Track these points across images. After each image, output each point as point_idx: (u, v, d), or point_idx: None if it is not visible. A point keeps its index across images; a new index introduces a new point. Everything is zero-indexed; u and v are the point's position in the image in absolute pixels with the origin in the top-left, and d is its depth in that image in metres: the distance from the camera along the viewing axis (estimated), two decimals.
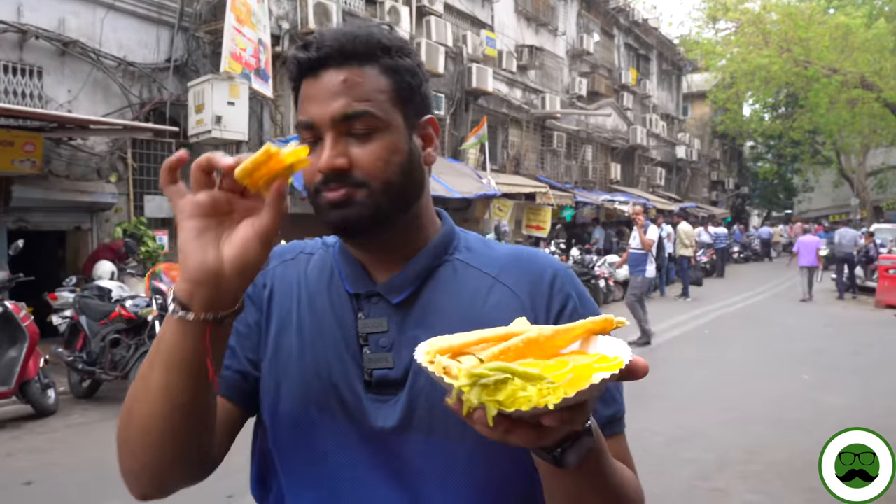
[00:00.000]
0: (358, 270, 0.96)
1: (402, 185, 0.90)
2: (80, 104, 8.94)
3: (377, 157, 0.87)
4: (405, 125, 0.91)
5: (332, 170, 0.86)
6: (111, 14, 9.31)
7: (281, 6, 10.97)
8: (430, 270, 0.95)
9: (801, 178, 37.88)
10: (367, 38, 0.89)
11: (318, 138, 0.88)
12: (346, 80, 0.87)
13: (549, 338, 0.68)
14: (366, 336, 0.92)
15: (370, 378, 0.90)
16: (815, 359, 8.54)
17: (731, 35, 24.23)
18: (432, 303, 0.93)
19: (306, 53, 0.89)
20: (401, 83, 0.90)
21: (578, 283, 0.98)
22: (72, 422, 5.99)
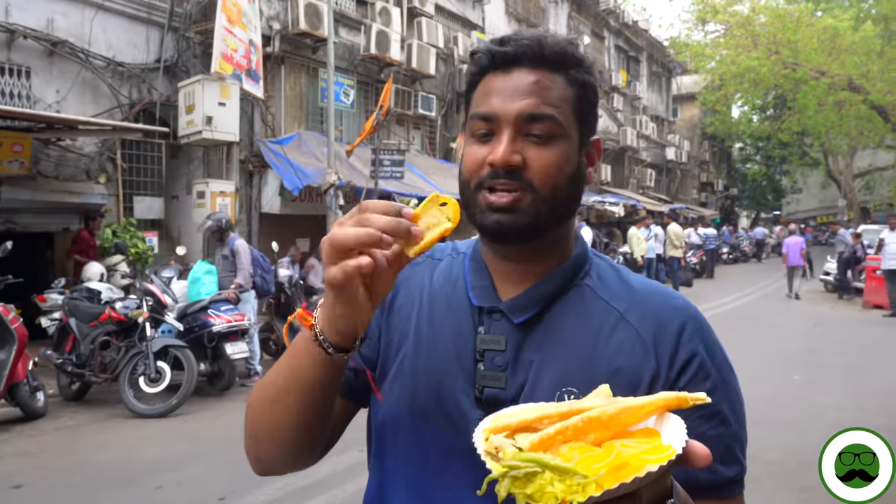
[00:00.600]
0: (486, 283, 0.95)
1: (566, 197, 0.90)
2: (69, 104, 8.87)
3: (552, 163, 0.87)
4: (579, 139, 0.91)
5: (506, 165, 0.86)
6: (100, 14, 9.24)
7: (272, 7, 10.94)
8: (558, 293, 0.92)
9: (789, 180, 38.17)
10: (562, 48, 0.90)
11: (492, 132, 0.88)
12: (539, 82, 0.88)
13: (612, 416, 0.65)
14: (482, 352, 0.91)
15: (480, 395, 0.89)
16: (805, 359, 8.59)
17: (721, 37, 24.38)
18: (554, 329, 0.90)
19: (502, 48, 0.89)
20: (583, 98, 0.91)
21: (711, 335, 0.92)
22: (61, 424, 5.94)
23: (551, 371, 0.87)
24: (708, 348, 0.89)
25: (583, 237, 1.01)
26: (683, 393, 0.67)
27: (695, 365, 0.87)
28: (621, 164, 24.88)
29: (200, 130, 9.11)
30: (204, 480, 4.50)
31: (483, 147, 0.89)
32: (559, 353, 0.88)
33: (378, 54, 12.19)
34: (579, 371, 0.87)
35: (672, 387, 0.85)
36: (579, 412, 0.66)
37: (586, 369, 0.87)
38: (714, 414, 0.84)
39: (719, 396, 0.84)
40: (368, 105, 13.06)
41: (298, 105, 11.73)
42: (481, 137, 0.89)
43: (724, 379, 0.88)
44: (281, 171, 10.16)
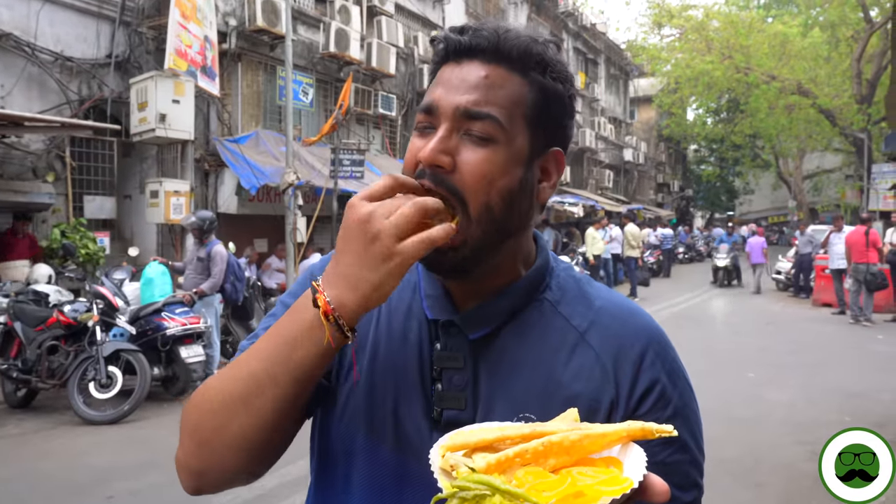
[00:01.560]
0: (440, 294, 0.87)
1: (502, 217, 0.80)
2: (14, 100, 8.55)
3: (483, 170, 0.78)
4: (529, 149, 0.82)
5: (432, 165, 0.78)
6: (47, 6, 8.93)
7: (228, 2, 10.73)
8: (516, 309, 0.85)
9: (741, 181, 39.17)
10: (527, 46, 0.82)
11: (433, 126, 0.81)
12: (488, 77, 0.80)
13: (574, 442, 0.63)
14: (440, 370, 0.84)
15: (439, 418, 0.82)
16: (758, 356, 8.79)
17: (676, 41, 24.90)
18: (509, 350, 0.83)
19: (459, 37, 0.82)
20: (541, 104, 0.82)
21: (672, 358, 0.86)
22: (5, 433, 5.70)
23: (508, 394, 0.82)
24: (669, 374, 0.83)
25: (544, 241, 0.93)
26: (650, 424, 0.65)
27: (656, 392, 0.81)
28: (580, 164, 25.16)
29: (154, 128, 8.88)
30: (159, 489, 4.35)
31: (421, 140, 0.81)
32: (516, 374, 0.82)
33: (337, 53, 12.06)
34: (537, 395, 0.81)
35: (632, 414, 0.80)
36: (541, 435, 0.64)
37: (544, 393, 0.81)
38: (674, 440, 0.77)
39: (679, 423, 0.79)
40: (328, 104, 12.92)
41: (256, 103, 11.54)
42: (422, 131, 0.82)
43: (684, 404, 0.83)
44: (238, 169, 9.96)
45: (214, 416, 0.79)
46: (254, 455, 0.81)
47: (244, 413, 0.77)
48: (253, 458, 0.82)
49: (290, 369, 0.75)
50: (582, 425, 0.66)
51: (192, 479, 0.84)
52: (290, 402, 0.78)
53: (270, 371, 0.76)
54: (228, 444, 0.79)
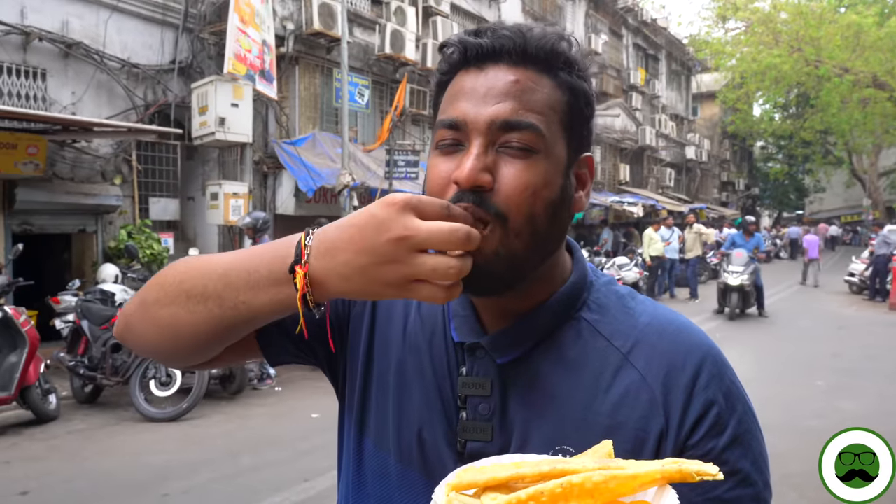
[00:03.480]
0: (468, 313, 0.81)
1: (545, 229, 0.73)
2: (85, 106, 8.90)
3: (526, 184, 0.71)
4: (566, 157, 0.75)
5: (473, 186, 0.69)
6: (115, 16, 9.25)
7: (286, 7, 10.90)
8: (550, 329, 0.78)
9: (812, 179, 37.66)
10: (553, 45, 0.74)
11: (459, 142, 0.73)
12: (519, 83, 0.72)
13: (598, 484, 0.56)
14: (465, 397, 0.78)
15: (462, 449, 0.76)
16: (829, 363, 8.38)
17: (741, 34, 24.09)
18: (545, 373, 0.76)
19: (478, 39, 0.74)
20: (574, 106, 0.76)
21: (730, 378, 0.76)
22: (72, 427, 5.92)
23: (543, 425, 0.75)
24: (727, 396, 0.74)
25: (580, 252, 0.85)
26: (690, 465, 0.57)
27: (711, 417, 0.72)
28: (640, 163, 24.64)
29: (213, 132, 9.09)
30: (211, 489, 4.43)
31: (449, 161, 0.73)
32: (551, 402, 0.75)
33: (393, 54, 12.12)
34: (575, 425, 0.74)
35: (684, 444, 0.72)
36: (562, 474, 0.57)
37: (583, 423, 0.74)
38: (733, 472, 0.71)
39: (739, 452, 0.71)
40: (383, 105, 13.00)
41: (313, 105, 11.70)
42: (447, 148, 0.74)
43: (745, 430, 0.74)
44: (295, 172, 10.11)
45: (161, 290, 0.77)
46: (169, 345, 0.78)
47: (181, 307, 0.74)
48: (168, 348, 0.79)
49: (236, 304, 0.71)
50: (612, 463, 0.59)
51: (121, 327, 0.83)
52: (224, 327, 0.73)
53: (222, 290, 0.72)
54: (155, 320, 0.77)
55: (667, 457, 0.68)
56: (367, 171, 10.97)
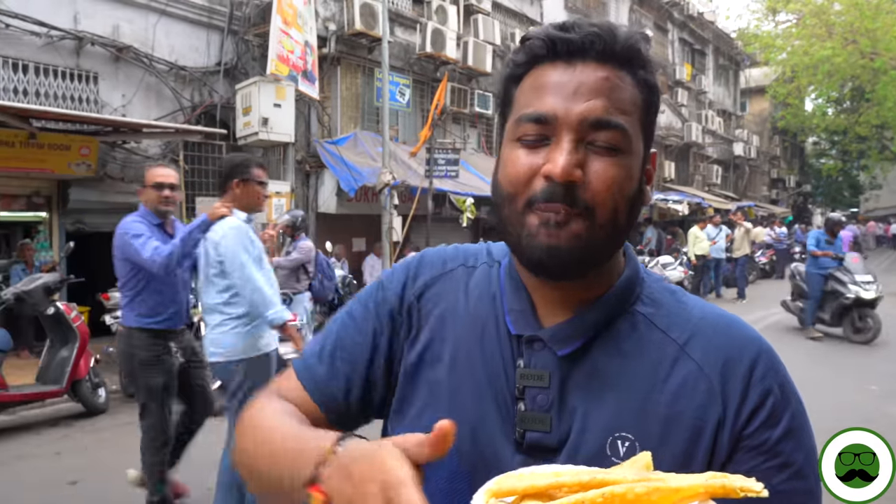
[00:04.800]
0: (525, 306, 0.82)
1: (625, 223, 0.77)
2: (134, 108, 9.16)
3: (614, 181, 0.74)
4: (643, 154, 0.79)
5: (567, 180, 0.72)
6: (163, 20, 9.50)
7: (327, 8, 11.03)
8: (607, 322, 0.80)
9: (867, 175, 36.37)
10: (636, 41, 0.77)
11: (545, 137, 0.75)
12: (609, 80, 0.74)
13: (640, 496, 0.56)
14: (522, 389, 0.78)
15: (521, 440, 0.77)
16: (884, 367, 8.08)
17: (792, 27, 23.43)
18: (603, 364, 0.78)
19: (567, 34, 0.76)
20: (650, 103, 0.78)
21: (784, 372, 0.78)
22: (120, 420, 6.10)
23: (601, 413, 0.76)
24: (782, 389, 0.76)
25: (633, 252, 0.87)
26: (735, 479, 0.57)
27: (768, 407, 0.74)
28: (686, 160, 24.17)
29: (257, 132, 9.26)
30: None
31: (534, 154, 0.75)
32: (610, 392, 0.76)
33: (434, 53, 12.15)
34: (633, 413, 0.75)
35: (740, 433, 0.73)
36: (602, 484, 0.57)
37: (641, 412, 0.75)
38: (786, 465, 0.73)
39: (793, 445, 0.73)
40: (424, 104, 13.04)
41: (354, 105, 11.81)
42: (531, 143, 0.75)
43: (799, 424, 0.75)
44: (337, 171, 10.23)
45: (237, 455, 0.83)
46: None
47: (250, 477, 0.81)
48: None
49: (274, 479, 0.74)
50: (652, 475, 0.59)
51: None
52: None
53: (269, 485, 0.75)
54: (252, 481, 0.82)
55: (724, 446, 0.72)
56: (408, 170, 11.02)
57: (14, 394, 5.71)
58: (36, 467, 4.84)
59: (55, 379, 5.86)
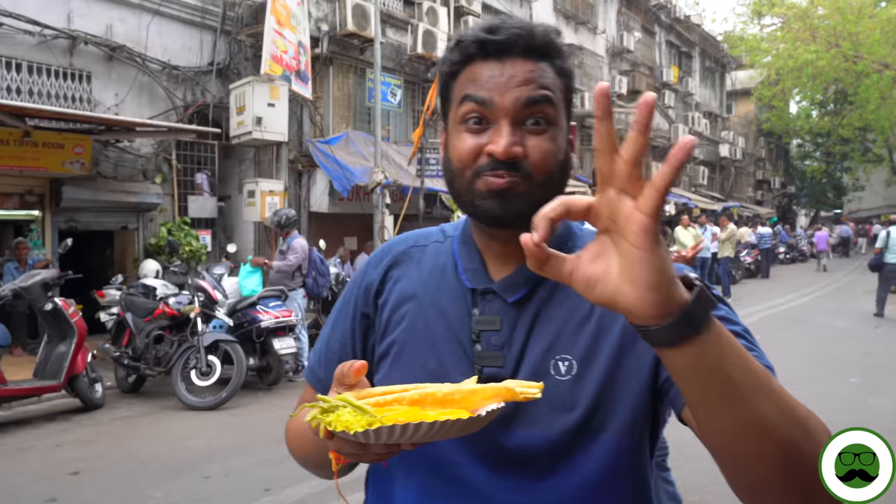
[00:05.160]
0: (477, 265, 0.97)
1: (558, 182, 0.91)
2: (127, 107, 9.20)
3: (547, 151, 0.89)
4: (566, 128, 0.94)
5: (510, 157, 0.87)
6: (156, 19, 9.55)
7: (320, 9, 11.11)
8: None
9: (850, 177, 36.77)
10: (548, 37, 0.91)
11: (485, 119, 0.90)
12: (533, 71, 0.89)
13: (446, 395, 0.74)
14: (478, 333, 0.93)
15: (480, 374, 0.91)
16: (864, 361, 8.27)
17: (777, 30, 23.72)
18: (544, 305, 0.93)
19: (492, 36, 0.90)
20: (568, 86, 0.94)
21: None
22: (118, 415, 6.16)
23: (544, 341, 0.91)
24: None
25: None
26: (515, 384, 0.75)
27: None
28: None
29: (250, 131, 9.33)
30: (251, 472, 4.61)
31: (477, 136, 0.90)
32: (550, 325, 0.91)
33: (425, 54, 12.25)
34: (569, 338, 0.90)
35: None
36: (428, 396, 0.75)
37: (576, 335, 0.90)
38: None
39: None
40: (415, 104, 13.14)
41: (346, 105, 11.89)
42: (473, 125, 0.90)
43: None
44: (329, 171, 10.30)
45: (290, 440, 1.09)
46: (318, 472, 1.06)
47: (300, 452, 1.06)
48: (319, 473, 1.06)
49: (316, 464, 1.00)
50: (464, 385, 0.77)
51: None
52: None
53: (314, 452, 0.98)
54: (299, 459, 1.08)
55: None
56: (400, 170, 11.12)
57: (12, 388, 5.77)
58: (38, 458, 4.91)
59: (53, 374, 5.91)
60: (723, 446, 0.71)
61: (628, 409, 0.88)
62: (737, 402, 0.65)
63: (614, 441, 0.87)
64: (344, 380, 0.79)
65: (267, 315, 6.92)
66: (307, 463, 1.05)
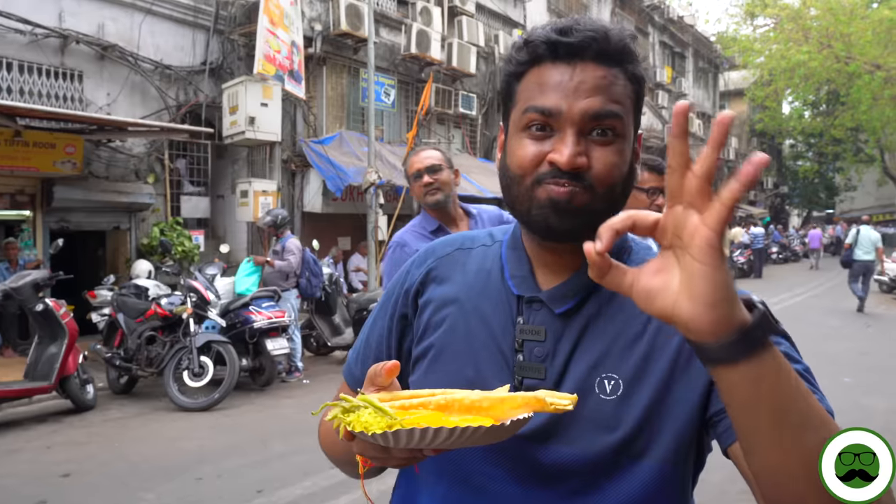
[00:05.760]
0: (525, 272, 0.94)
1: (620, 195, 0.88)
2: (119, 107, 9.15)
3: (612, 164, 0.86)
4: (633, 137, 0.91)
5: (574, 168, 0.84)
6: (148, 18, 9.50)
7: (313, 8, 11.08)
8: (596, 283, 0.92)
9: (842, 177, 36.93)
10: (625, 41, 0.88)
11: (549, 127, 0.86)
12: (605, 78, 0.85)
13: (474, 402, 0.73)
14: (521, 342, 0.90)
15: (520, 385, 0.89)
16: (857, 360, 8.30)
17: (770, 31, 23.79)
18: (594, 318, 0.90)
19: (565, 38, 0.85)
20: (639, 94, 0.91)
21: None
22: (109, 416, 6.12)
23: (590, 357, 0.88)
24: None
25: None
26: (547, 395, 0.73)
27: None
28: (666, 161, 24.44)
29: (243, 131, 9.29)
30: (243, 473, 4.58)
31: (540, 143, 0.86)
32: (598, 341, 0.88)
33: (419, 54, 12.23)
34: (617, 356, 0.87)
35: None
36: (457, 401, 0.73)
37: (624, 354, 0.87)
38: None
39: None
40: (409, 104, 13.12)
41: (340, 105, 11.86)
42: (536, 132, 0.87)
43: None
44: (323, 171, 10.28)
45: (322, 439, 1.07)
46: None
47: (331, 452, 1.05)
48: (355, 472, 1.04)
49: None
50: (493, 393, 0.75)
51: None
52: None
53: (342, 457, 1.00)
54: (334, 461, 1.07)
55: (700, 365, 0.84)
56: (394, 170, 11.09)
57: (2, 390, 5.73)
58: (28, 460, 4.87)
59: (44, 375, 5.87)
60: (767, 484, 0.69)
61: (673, 436, 0.84)
62: (788, 434, 0.64)
63: (656, 467, 0.84)
64: (375, 380, 0.78)
65: (260, 315, 6.89)
66: (338, 462, 1.04)
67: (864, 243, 12.95)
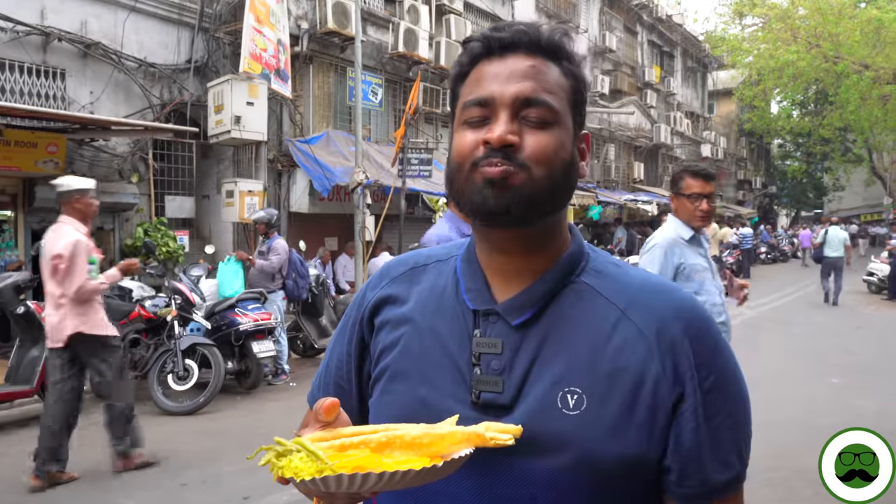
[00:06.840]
0: (481, 285, 0.92)
1: (560, 183, 0.87)
2: (102, 105, 9.02)
3: (547, 145, 0.85)
4: (573, 130, 0.90)
5: (503, 143, 0.83)
6: (132, 16, 9.38)
7: (300, 6, 10.98)
8: (555, 292, 0.89)
9: (830, 177, 37.23)
10: (559, 38, 0.90)
11: (487, 118, 0.87)
12: (535, 67, 0.87)
13: (414, 438, 0.71)
14: (478, 355, 0.88)
15: (477, 400, 0.87)
16: (845, 361, 8.31)
17: (758, 31, 23.89)
18: (552, 329, 0.88)
19: (498, 34, 0.89)
20: (576, 90, 0.91)
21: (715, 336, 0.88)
22: (92, 420, 5.98)
23: (551, 372, 0.85)
24: (712, 351, 0.86)
25: (578, 231, 0.96)
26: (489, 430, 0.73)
27: (698, 367, 0.85)
28: (654, 161, 24.51)
29: (229, 130, 9.19)
30: (228, 479, 4.50)
31: (477, 132, 0.86)
32: (558, 353, 0.86)
33: (406, 52, 12.16)
34: (580, 370, 0.84)
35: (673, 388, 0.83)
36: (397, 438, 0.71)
37: (587, 368, 0.84)
38: (718, 410, 0.84)
39: (720, 398, 0.84)
40: (396, 103, 13.05)
41: (327, 104, 11.77)
42: (475, 124, 0.87)
43: (725, 382, 0.86)
44: (310, 171, 10.19)
45: None
46: None
47: None
48: None
49: None
50: (435, 428, 0.74)
51: None
52: None
53: None
54: None
55: (664, 399, 0.83)
56: (381, 170, 11.02)
57: None
58: (10, 465, 4.77)
59: (25, 379, 5.76)
60: None
61: (636, 455, 0.83)
62: None
63: (618, 483, 0.83)
64: (318, 417, 0.77)
65: (246, 318, 6.80)
66: None
67: (833, 242, 14.03)
